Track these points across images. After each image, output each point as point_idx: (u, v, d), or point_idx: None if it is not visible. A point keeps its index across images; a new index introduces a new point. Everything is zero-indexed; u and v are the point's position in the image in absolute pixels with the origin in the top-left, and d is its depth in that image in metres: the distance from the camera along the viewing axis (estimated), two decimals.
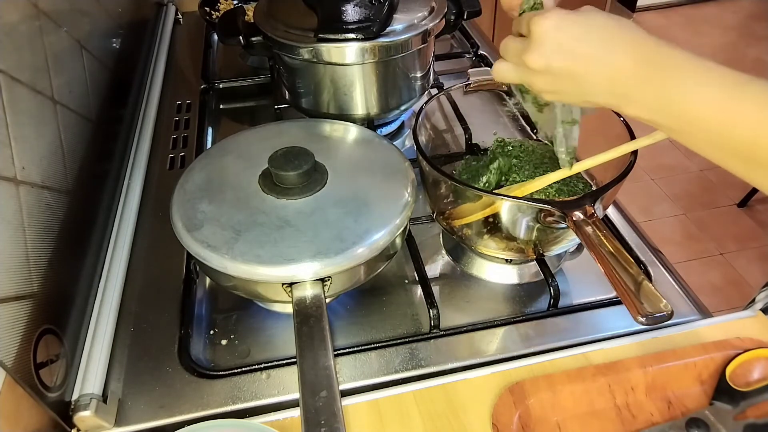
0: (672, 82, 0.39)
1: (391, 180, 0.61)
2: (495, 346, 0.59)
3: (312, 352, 0.48)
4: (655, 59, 0.40)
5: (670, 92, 0.39)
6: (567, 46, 0.42)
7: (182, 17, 1.23)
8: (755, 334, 0.56)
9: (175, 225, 0.57)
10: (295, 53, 0.75)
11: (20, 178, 0.51)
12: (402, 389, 0.54)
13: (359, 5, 0.73)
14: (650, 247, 0.69)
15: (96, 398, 0.53)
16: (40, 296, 0.51)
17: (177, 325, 0.61)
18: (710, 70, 0.39)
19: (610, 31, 0.41)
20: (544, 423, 0.50)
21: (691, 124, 0.39)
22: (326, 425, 0.43)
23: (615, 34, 0.41)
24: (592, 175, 0.67)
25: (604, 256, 0.47)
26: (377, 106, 0.81)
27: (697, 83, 0.39)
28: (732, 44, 3.07)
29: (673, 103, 0.40)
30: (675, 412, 0.52)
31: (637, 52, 0.41)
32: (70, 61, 0.70)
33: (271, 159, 0.59)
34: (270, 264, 0.52)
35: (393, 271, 0.68)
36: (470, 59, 1.07)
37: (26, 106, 0.55)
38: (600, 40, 0.41)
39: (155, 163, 0.84)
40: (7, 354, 0.45)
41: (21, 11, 0.58)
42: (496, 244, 0.60)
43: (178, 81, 1.04)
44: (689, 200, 2.16)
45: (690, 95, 0.39)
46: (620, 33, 0.41)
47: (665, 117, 0.40)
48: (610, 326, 0.61)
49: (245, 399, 0.55)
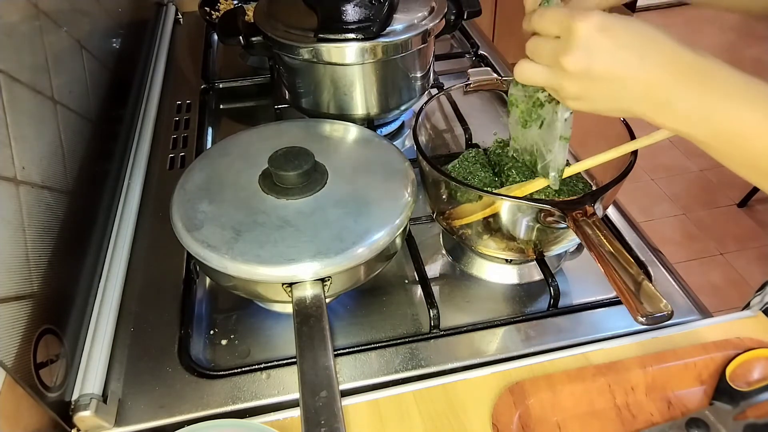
0: (712, 97, 0.38)
1: (391, 180, 0.61)
2: (495, 346, 0.59)
3: (312, 352, 0.48)
4: (697, 71, 0.39)
5: (709, 107, 0.38)
6: (610, 49, 0.40)
7: (182, 17, 1.23)
8: (755, 334, 0.56)
9: (175, 225, 0.57)
10: (295, 53, 0.75)
11: (20, 178, 0.51)
12: (402, 389, 0.54)
13: (359, 5, 0.73)
14: (650, 247, 0.69)
15: (96, 398, 0.53)
16: (40, 296, 0.51)
17: (177, 325, 0.61)
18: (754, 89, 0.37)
19: (653, 38, 0.40)
20: (544, 423, 0.50)
21: (730, 143, 0.38)
22: (326, 425, 0.43)
23: (658, 42, 0.40)
24: (592, 175, 0.67)
25: (604, 256, 0.47)
26: (377, 106, 0.81)
27: (740, 101, 0.37)
28: (731, 44, 3.07)
29: (712, 119, 0.38)
30: (675, 412, 0.52)
31: (679, 63, 0.39)
32: (70, 61, 0.70)
33: (271, 159, 0.59)
34: (270, 264, 0.52)
35: (393, 271, 0.68)
36: (470, 59, 1.07)
37: (26, 106, 0.55)
38: (642, 47, 0.40)
39: (155, 163, 0.84)
40: (7, 354, 0.45)
41: (21, 11, 0.58)
42: (496, 244, 0.60)
43: (178, 81, 1.04)
44: (689, 200, 2.16)
45: (730, 112, 0.38)
46: (663, 41, 0.40)
47: (702, 132, 0.39)
48: (610, 326, 0.61)
49: (245, 399, 0.55)
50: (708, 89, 0.38)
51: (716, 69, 0.39)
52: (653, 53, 0.40)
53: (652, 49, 0.40)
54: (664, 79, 0.39)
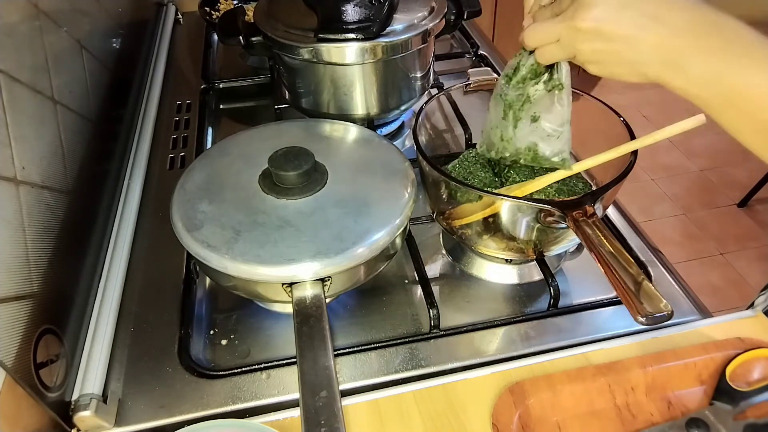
0: (726, 55, 0.37)
1: (391, 180, 0.61)
2: (495, 346, 0.59)
3: (312, 352, 0.48)
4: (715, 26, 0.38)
5: (722, 66, 0.37)
6: (619, 5, 0.40)
7: (182, 17, 1.23)
8: (755, 334, 0.56)
9: (175, 225, 0.57)
10: (295, 53, 0.75)
11: (20, 178, 0.51)
12: (402, 389, 0.54)
13: (359, 5, 0.73)
14: (650, 247, 0.69)
15: (96, 398, 0.53)
16: (40, 296, 0.51)
17: (177, 325, 0.61)
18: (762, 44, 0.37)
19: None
20: (544, 423, 0.50)
21: (737, 106, 0.37)
22: (326, 425, 0.43)
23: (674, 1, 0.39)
24: (592, 175, 0.67)
25: (604, 256, 0.47)
26: (377, 106, 0.81)
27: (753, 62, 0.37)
28: None
29: (723, 79, 0.37)
30: (675, 412, 0.52)
31: (696, 16, 0.39)
32: (70, 61, 0.70)
33: (271, 159, 0.59)
34: (270, 264, 0.52)
35: (393, 271, 0.68)
36: (470, 59, 1.07)
37: (26, 106, 0.55)
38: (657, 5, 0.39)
39: (155, 163, 0.84)
40: (7, 354, 0.45)
41: (21, 11, 0.58)
42: (496, 244, 0.60)
43: (178, 81, 1.04)
44: (689, 200, 2.16)
45: (742, 72, 0.37)
46: None
47: (713, 93, 0.38)
48: (610, 326, 0.61)
49: (245, 399, 0.55)
50: (724, 46, 0.38)
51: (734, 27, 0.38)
52: (670, 6, 0.39)
53: (666, 7, 0.39)
54: (678, 40, 0.39)
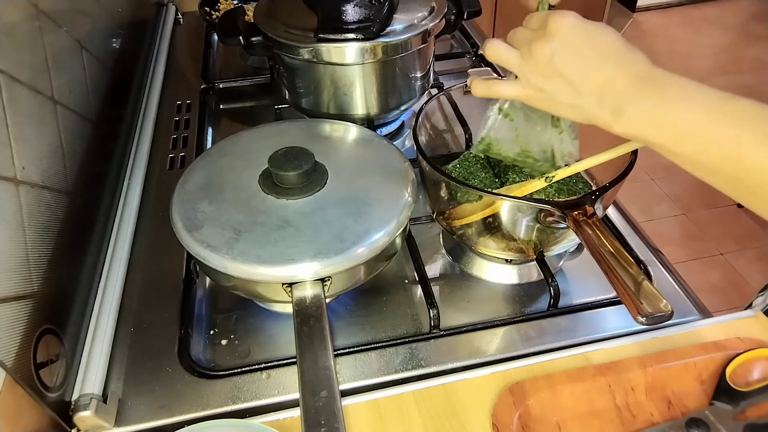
0: (662, 99, 0.41)
1: (391, 180, 0.61)
2: (495, 346, 0.59)
3: (312, 352, 0.48)
4: (650, 78, 0.42)
5: (659, 109, 0.41)
6: (576, 46, 0.44)
7: (182, 17, 1.23)
8: (755, 334, 0.56)
9: (175, 225, 0.57)
10: (295, 53, 0.75)
11: (20, 178, 0.51)
12: (402, 389, 0.54)
13: (359, 5, 0.73)
14: (650, 247, 0.69)
15: (96, 398, 0.53)
16: (40, 296, 0.51)
17: (177, 325, 0.61)
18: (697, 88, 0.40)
19: (617, 47, 0.44)
20: (544, 423, 0.50)
21: (678, 142, 0.40)
22: (326, 425, 0.43)
23: (620, 51, 0.43)
24: (592, 175, 0.67)
25: (604, 256, 0.47)
26: (377, 106, 0.81)
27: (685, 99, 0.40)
28: (732, 44, 3.06)
29: (663, 120, 0.40)
30: (675, 412, 0.52)
31: (635, 70, 0.42)
32: (70, 61, 0.70)
33: (271, 159, 0.59)
34: (270, 264, 0.52)
35: (393, 271, 0.68)
36: (470, 59, 1.07)
37: (26, 106, 0.55)
38: (605, 51, 0.43)
39: (155, 163, 0.84)
40: (7, 354, 0.45)
41: (21, 11, 0.58)
42: (496, 244, 0.60)
43: (178, 81, 1.04)
44: (689, 200, 2.16)
45: (678, 111, 0.40)
46: (625, 51, 0.43)
47: (653, 133, 0.41)
48: (610, 326, 0.61)
49: (245, 399, 0.55)
50: (658, 93, 0.41)
51: (666, 76, 0.41)
52: (615, 59, 0.43)
53: (614, 55, 0.43)
54: (620, 83, 0.42)
